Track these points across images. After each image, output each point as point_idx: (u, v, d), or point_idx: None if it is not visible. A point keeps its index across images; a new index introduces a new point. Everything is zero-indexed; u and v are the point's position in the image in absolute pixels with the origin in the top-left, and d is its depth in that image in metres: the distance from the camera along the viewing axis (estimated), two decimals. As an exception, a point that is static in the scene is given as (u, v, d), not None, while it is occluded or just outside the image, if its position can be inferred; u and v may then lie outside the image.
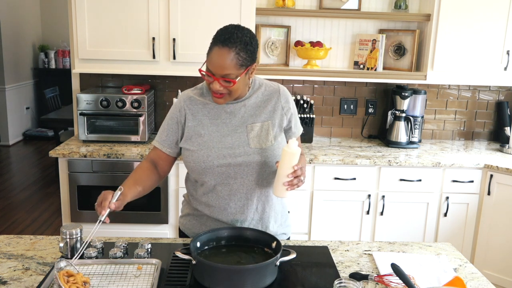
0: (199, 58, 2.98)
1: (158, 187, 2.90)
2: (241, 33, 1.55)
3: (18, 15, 7.02)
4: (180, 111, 1.70)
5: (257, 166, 1.65)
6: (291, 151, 1.52)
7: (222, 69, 1.53)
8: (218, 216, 1.71)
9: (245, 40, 1.54)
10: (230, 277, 1.35)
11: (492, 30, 3.08)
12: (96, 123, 3.10)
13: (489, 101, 3.57)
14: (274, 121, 1.69)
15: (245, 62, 1.55)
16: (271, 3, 3.25)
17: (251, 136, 1.65)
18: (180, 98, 1.73)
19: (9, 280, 1.41)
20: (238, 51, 1.53)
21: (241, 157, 1.63)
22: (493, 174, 2.96)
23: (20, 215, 4.41)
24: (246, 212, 1.70)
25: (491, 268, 3.05)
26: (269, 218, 1.75)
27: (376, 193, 3.00)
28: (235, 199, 1.68)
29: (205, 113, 1.69)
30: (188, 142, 1.68)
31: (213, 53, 1.54)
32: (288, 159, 1.53)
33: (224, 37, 1.53)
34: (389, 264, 1.42)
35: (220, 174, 1.65)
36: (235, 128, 1.67)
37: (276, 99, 1.71)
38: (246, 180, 1.66)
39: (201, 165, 1.64)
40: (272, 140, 1.67)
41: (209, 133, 1.66)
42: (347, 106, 3.48)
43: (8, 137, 6.81)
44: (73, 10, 2.91)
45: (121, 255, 1.53)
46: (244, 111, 1.68)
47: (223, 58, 1.52)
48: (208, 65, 1.56)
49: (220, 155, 1.63)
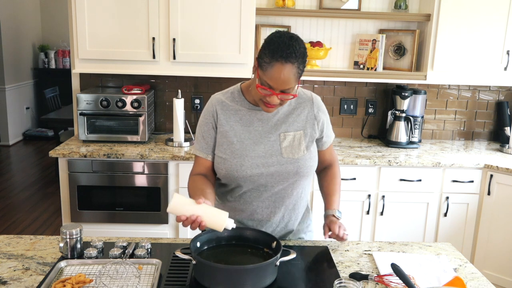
0: (199, 58, 2.99)
1: (158, 187, 2.90)
2: (298, 44, 1.49)
3: (18, 15, 7.02)
4: (213, 115, 1.67)
5: (289, 175, 1.64)
6: (169, 209, 1.40)
7: (285, 85, 1.49)
8: (243, 220, 1.71)
9: (302, 52, 1.50)
10: (230, 277, 1.35)
11: (492, 30, 3.08)
12: (96, 123, 3.10)
13: (489, 101, 3.57)
14: (307, 131, 1.68)
15: (301, 73, 1.52)
16: (271, 3, 3.25)
17: (284, 146, 1.64)
18: (212, 102, 1.69)
19: (9, 280, 1.41)
20: (298, 64, 1.48)
21: (274, 166, 1.62)
22: (493, 174, 2.96)
23: (20, 215, 4.41)
24: (272, 219, 1.71)
25: (491, 268, 3.05)
26: (293, 226, 1.76)
27: (376, 193, 3.00)
28: (263, 206, 1.68)
29: (237, 120, 1.66)
30: (220, 149, 1.65)
31: (274, 69, 1.47)
32: (179, 212, 1.40)
33: (285, 52, 1.46)
34: (389, 264, 1.42)
35: (251, 182, 1.64)
36: (267, 135, 1.65)
37: (309, 108, 1.70)
38: (277, 189, 1.66)
39: (234, 174, 1.62)
40: (304, 150, 1.65)
41: (241, 140, 1.64)
42: (347, 106, 3.48)
43: (8, 137, 6.81)
44: (73, 10, 2.91)
45: (121, 255, 1.53)
46: (277, 118, 1.66)
47: (286, 75, 1.47)
48: (267, 80, 1.49)
49: (254, 165, 1.62)
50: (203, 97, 3.42)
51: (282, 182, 1.65)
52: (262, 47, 1.53)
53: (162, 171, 2.89)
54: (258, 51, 1.59)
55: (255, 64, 1.57)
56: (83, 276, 1.38)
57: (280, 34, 1.51)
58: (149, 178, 2.89)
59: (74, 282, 1.35)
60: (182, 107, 3.06)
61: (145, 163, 2.87)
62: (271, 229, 1.72)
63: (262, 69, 1.50)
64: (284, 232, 1.76)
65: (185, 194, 2.94)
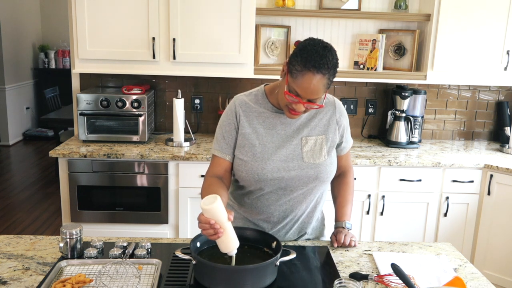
0: (199, 58, 2.99)
1: (158, 187, 2.90)
2: (331, 55, 1.46)
3: (18, 15, 7.02)
4: (235, 116, 1.65)
5: (309, 180, 1.63)
6: (206, 207, 1.36)
7: (313, 95, 1.47)
8: (259, 222, 1.71)
9: (334, 63, 1.47)
10: (230, 277, 1.35)
11: (492, 30, 3.08)
12: (96, 123, 3.10)
13: (489, 101, 3.57)
14: (328, 135, 1.67)
15: (330, 84, 1.50)
16: (271, 3, 3.25)
17: (305, 150, 1.63)
18: (235, 103, 1.67)
19: (9, 280, 1.41)
20: (329, 76, 1.46)
21: (295, 171, 1.62)
22: (493, 174, 2.96)
23: (20, 215, 4.41)
24: (288, 223, 1.71)
25: (491, 268, 3.05)
26: (307, 230, 1.77)
27: (376, 193, 3.00)
28: (280, 209, 1.68)
29: (260, 122, 1.64)
30: (241, 151, 1.64)
31: (305, 78, 1.44)
32: (212, 215, 1.36)
33: (318, 62, 1.43)
34: (389, 264, 1.42)
35: (271, 186, 1.63)
36: (289, 139, 1.64)
37: (332, 112, 1.68)
38: (296, 193, 1.66)
39: (255, 177, 1.61)
40: (326, 155, 1.65)
41: (263, 143, 1.63)
42: (347, 106, 3.48)
43: (8, 137, 6.81)
44: (73, 10, 2.91)
45: (121, 255, 1.53)
46: (300, 122, 1.65)
47: (316, 85, 1.45)
48: (296, 88, 1.47)
49: (275, 168, 1.61)
50: (203, 97, 3.42)
51: (302, 187, 1.64)
52: (294, 53, 1.50)
53: (162, 171, 2.89)
54: (288, 56, 1.55)
55: (284, 68, 1.55)
56: (83, 276, 1.38)
57: (314, 43, 1.48)
58: (149, 178, 2.89)
59: (74, 282, 1.35)
60: (182, 107, 3.06)
61: (145, 163, 2.87)
62: (284, 231, 1.72)
63: (292, 76, 1.48)
64: (297, 235, 1.76)
65: (188, 193, 2.95)
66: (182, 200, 2.92)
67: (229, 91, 3.41)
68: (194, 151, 2.95)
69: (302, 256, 1.61)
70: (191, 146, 3.08)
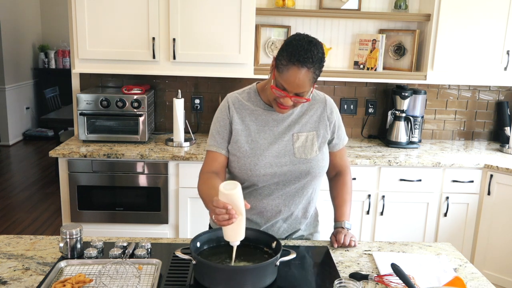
0: (199, 58, 2.99)
1: (158, 187, 2.90)
2: (316, 49, 1.49)
3: (18, 15, 7.02)
4: (228, 112, 1.68)
5: (301, 175, 1.66)
6: (226, 192, 1.34)
7: (299, 89, 1.50)
8: (252, 217, 1.71)
9: (319, 57, 1.50)
10: (230, 277, 1.35)
11: (492, 30, 3.08)
12: (96, 123, 3.10)
13: (489, 101, 3.57)
14: (319, 132, 1.69)
15: (317, 78, 1.53)
16: (271, 3, 3.25)
17: (297, 146, 1.66)
18: (228, 100, 1.71)
19: (9, 280, 1.41)
20: (314, 70, 1.49)
21: (287, 166, 1.64)
22: (493, 174, 2.96)
23: (20, 215, 4.41)
24: (281, 218, 1.72)
25: (491, 268, 3.05)
26: (301, 226, 1.77)
27: (376, 193, 3.00)
28: (273, 204, 1.69)
29: (253, 119, 1.67)
30: (234, 147, 1.66)
31: (290, 72, 1.48)
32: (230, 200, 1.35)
33: (303, 56, 1.46)
34: (389, 264, 1.42)
35: (264, 181, 1.65)
36: (281, 135, 1.66)
37: (322, 109, 1.71)
38: (288, 188, 1.68)
39: (248, 173, 1.64)
40: (317, 151, 1.67)
41: (256, 140, 1.65)
42: (347, 106, 3.48)
43: (8, 137, 6.81)
44: (73, 10, 2.91)
45: (121, 255, 1.53)
46: (291, 119, 1.68)
47: (301, 79, 1.48)
48: (282, 82, 1.50)
49: (267, 164, 1.63)
50: (203, 97, 3.42)
51: (294, 182, 1.67)
52: (280, 48, 1.53)
53: (162, 171, 2.89)
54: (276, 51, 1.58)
55: (272, 63, 1.57)
56: (83, 276, 1.38)
57: (299, 38, 1.51)
58: (149, 178, 2.89)
59: (74, 282, 1.35)
60: (182, 107, 3.06)
61: (145, 163, 2.87)
62: (278, 226, 1.73)
63: (278, 70, 1.51)
64: (291, 231, 1.77)
65: (188, 193, 2.95)
66: (182, 200, 2.92)
67: (229, 91, 3.39)
68: (194, 151, 2.95)
69: (302, 256, 1.61)
70: (191, 146, 3.08)
